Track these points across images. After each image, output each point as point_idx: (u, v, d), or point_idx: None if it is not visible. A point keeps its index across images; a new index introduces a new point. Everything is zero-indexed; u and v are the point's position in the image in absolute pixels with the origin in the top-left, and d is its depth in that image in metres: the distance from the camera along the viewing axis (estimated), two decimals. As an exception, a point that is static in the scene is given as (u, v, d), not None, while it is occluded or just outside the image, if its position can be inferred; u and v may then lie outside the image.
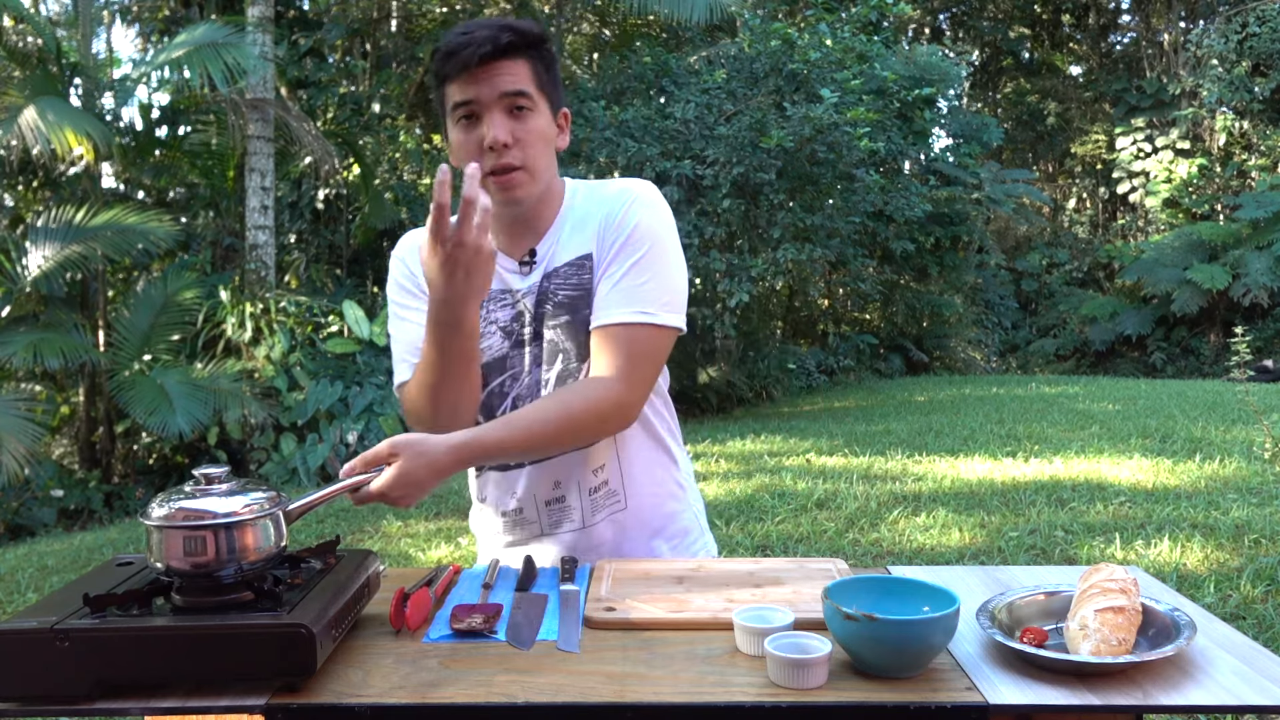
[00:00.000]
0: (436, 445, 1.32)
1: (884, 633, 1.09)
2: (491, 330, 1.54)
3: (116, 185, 9.76)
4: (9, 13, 8.78)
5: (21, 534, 7.11)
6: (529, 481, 1.56)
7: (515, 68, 1.41)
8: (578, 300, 1.49)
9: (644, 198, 1.50)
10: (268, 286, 9.16)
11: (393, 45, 14.74)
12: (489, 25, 1.41)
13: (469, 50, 1.38)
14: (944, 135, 15.78)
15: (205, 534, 1.12)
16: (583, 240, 1.50)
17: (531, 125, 1.43)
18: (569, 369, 1.51)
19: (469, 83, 1.40)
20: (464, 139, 1.42)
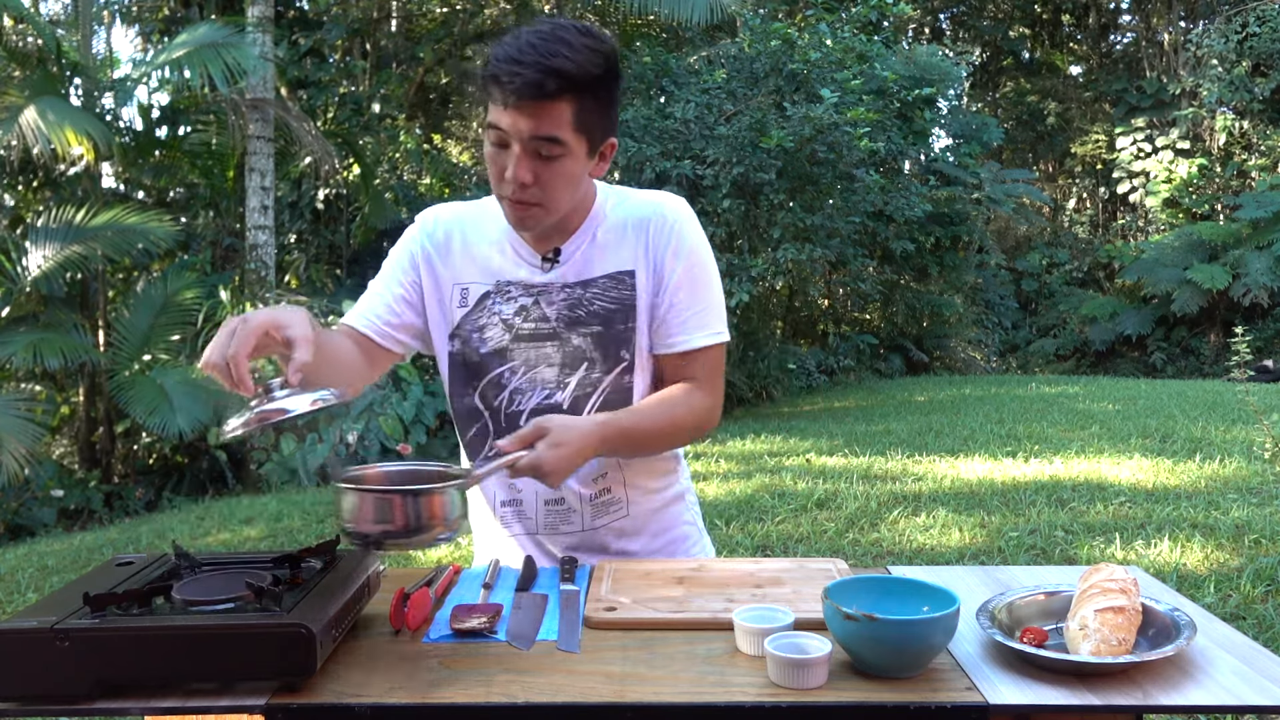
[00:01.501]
0: (581, 420, 1.43)
1: (884, 633, 1.09)
2: (494, 322, 1.55)
3: (116, 185, 9.76)
4: (9, 13, 8.78)
5: (21, 534, 7.11)
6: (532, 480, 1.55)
7: (555, 110, 1.35)
8: (614, 314, 1.52)
9: (687, 217, 1.55)
10: (268, 286, 9.16)
11: (393, 45, 14.74)
12: (540, 59, 1.33)
13: (512, 89, 1.33)
14: (944, 135, 15.77)
15: (394, 499, 1.19)
16: (622, 255, 1.53)
17: (557, 169, 1.39)
18: (590, 378, 1.53)
19: (505, 114, 1.36)
20: (491, 156, 1.42)
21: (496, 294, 1.55)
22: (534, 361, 1.53)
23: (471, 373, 1.57)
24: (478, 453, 1.60)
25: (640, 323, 1.53)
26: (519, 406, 1.54)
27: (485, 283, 1.56)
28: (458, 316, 1.56)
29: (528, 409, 1.54)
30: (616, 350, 1.53)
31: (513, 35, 1.38)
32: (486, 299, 1.55)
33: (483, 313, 1.55)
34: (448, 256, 1.58)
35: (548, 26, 1.37)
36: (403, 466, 1.34)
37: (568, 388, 1.53)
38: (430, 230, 1.60)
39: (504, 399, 1.55)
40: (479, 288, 1.56)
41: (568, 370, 1.53)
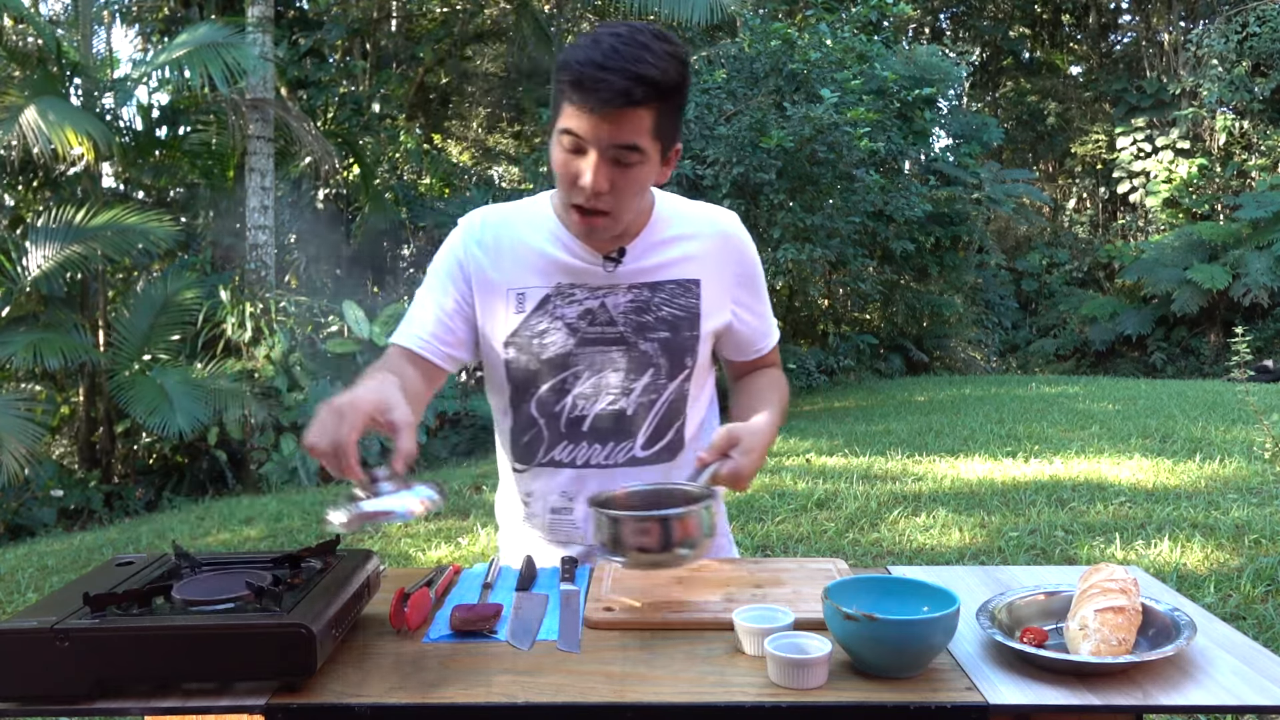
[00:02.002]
0: (760, 424, 1.42)
1: (884, 633, 1.09)
2: (557, 326, 1.50)
3: (116, 185, 9.76)
4: (9, 13, 8.78)
5: (21, 534, 7.11)
6: (585, 483, 1.54)
7: (637, 118, 1.33)
8: (682, 321, 1.51)
9: (747, 234, 1.61)
10: (268, 286, 9.16)
11: (393, 45, 14.75)
12: (626, 66, 1.30)
13: (598, 96, 1.30)
14: (944, 135, 15.77)
15: (651, 524, 1.25)
16: (688, 264, 1.52)
17: (632, 175, 1.38)
18: (656, 384, 1.52)
19: (585, 121, 1.32)
20: (563, 162, 1.38)
21: (557, 296, 1.50)
22: (599, 366, 1.50)
23: (529, 380, 1.52)
24: (529, 460, 1.56)
25: (703, 332, 1.53)
26: (582, 412, 1.51)
27: (544, 285, 1.50)
28: (514, 323, 1.51)
29: (591, 414, 1.51)
30: (682, 357, 1.52)
31: (589, 38, 1.34)
32: (547, 303, 1.50)
33: (543, 317, 1.50)
34: (498, 260, 1.52)
35: (625, 30, 1.34)
36: (644, 487, 1.42)
37: (633, 393, 1.51)
38: (477, 234, 1.53)
39: (565, 405, 1.51)
40: (537, 291, 1.50)
41: (634, 376, 1.51)
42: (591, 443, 1.53)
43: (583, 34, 1.40)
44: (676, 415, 1.55)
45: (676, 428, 1.56)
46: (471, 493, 6.22)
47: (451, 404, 8.98)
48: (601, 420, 1.51)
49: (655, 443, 1.54)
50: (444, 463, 8.64)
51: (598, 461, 1.53)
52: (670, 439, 1.55)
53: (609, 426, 1.52)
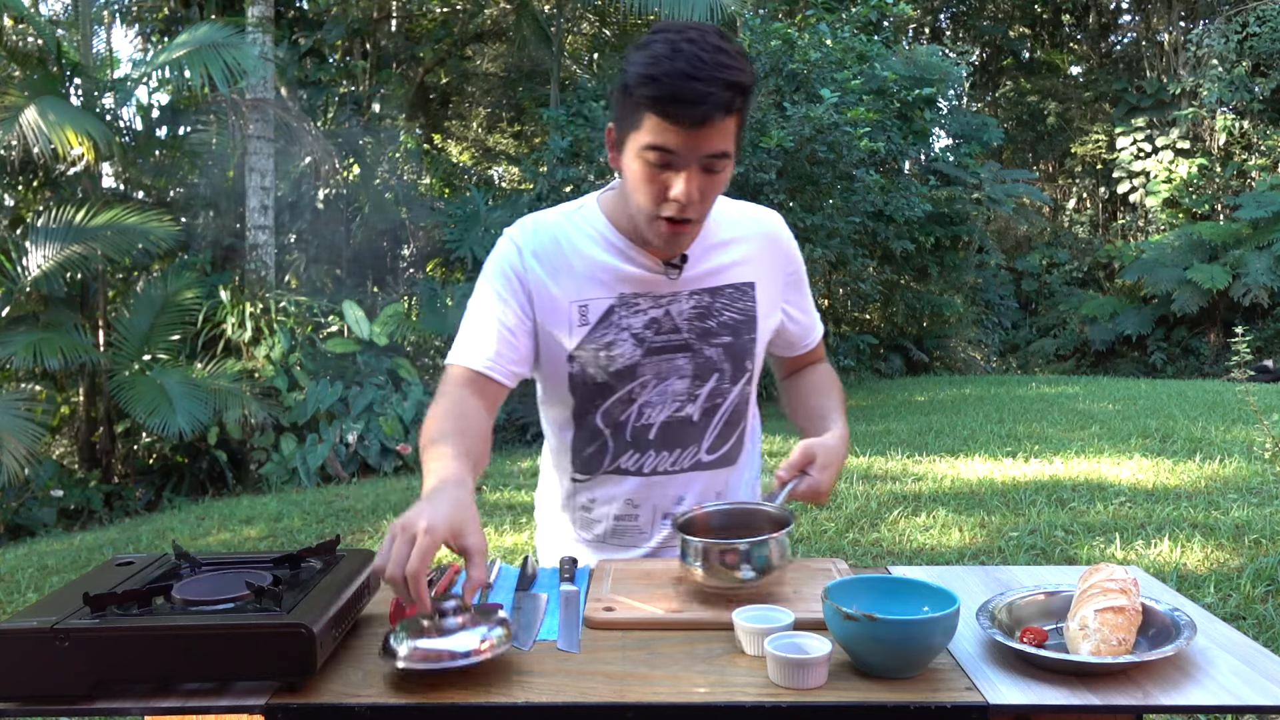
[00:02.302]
0: (831, 438, 1.47)
1: (884, 633, 1.09)
2: (624, 338, 1.48)
3: (116, 185, 9.76)
4: (9, 13, 8.78)
5: (21, 534, 7.10)
6: (651, 490, 1.55)
7: (727, 126, 1.31)
8: (741, 325, 1.52)
9: (788, 230, 1.62)
10: (268, 286, 9.16)
11: (393, 45, 14.74)
12: (717, 75, 1.26)
13: (698, 111, 1.27)
14: (944, 135, 15.76)
15: (735, 552, 1.29)
16: (742, 267, 1.53)
17: (718, 180, 1.37)
18: (720, 388, 1.52)
19: (679, 134, 1.29)
20: (648, 177, 1.34)
21: (622, 307, 1.47)
22: (665, 374, 1.49)
23: (595, 392, 1.50)
24: (593, 470, 1.56)
25: (759, 335, 1.55)
26: (648, 420, 1.51)
27: (607, 296, 1.47)
28: (579, 336, 1.47)
29: (658, 423, 1.51)
30: (743, 360, 1.53)
31: (665, 47, 1.28)
32: (611, 314, 1.47)
33: (609, 329, 1.47)
34: (557, 271, 1.47)
35: (696, 34, 1.30)
36: (725, 506, 1.45)
37: (698, 399, 1.52)
38: (531, 245, 1.48)
39: (631, 414, 1.50)
40: (601, 303, 1.47)
41: (699, 382, 1.51)
42: (658, 450, 1.53)
43: (648, 42, 1.31)
44: (739, 419, 1.57)
45: (739, 431, 1.58)
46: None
47: (451, 404, 8.96)
48: (668, 428, 1.51)
49: (719, 447, 1.56)
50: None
51: (664, 469, 1.53)
52: (732, 443, 1.58)
53: (675, 434, 1.52)
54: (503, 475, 6.80)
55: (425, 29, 15.01)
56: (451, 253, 10.33)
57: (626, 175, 1.38)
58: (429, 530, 1.10)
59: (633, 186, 1.37)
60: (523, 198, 11.10)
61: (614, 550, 1.60)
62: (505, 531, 4.97)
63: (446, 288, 10.10)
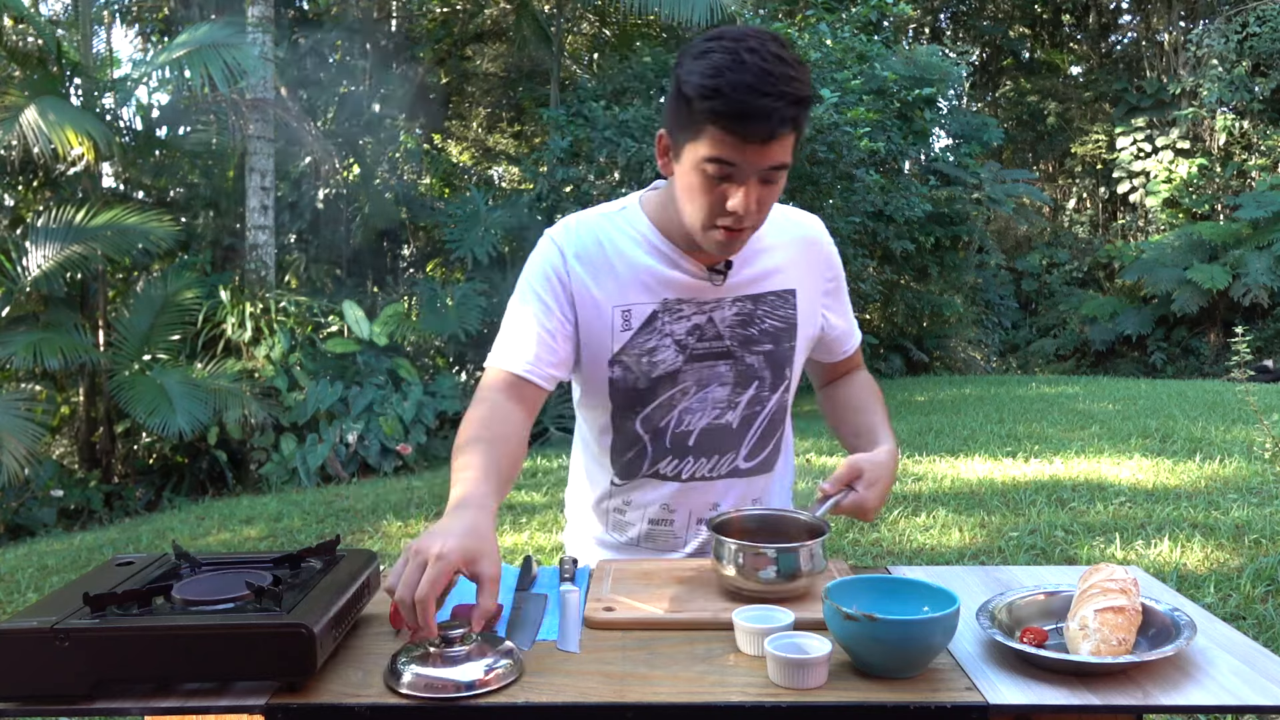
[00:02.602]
0: (881, 454, 1.45)
1: (884, 633, 1.09)
2: (666, 344, 1.47)
3: (116, 185, 9.76)
4: (9, 13, 8.78)
5: (21, 534, 7.10)
6: (688, 495, 1.55)
7: (788, 139, 1.30)
8: (782, 333, 1.52)
9: (828, 236, 1.60)
10: (268, 286, 9.16)
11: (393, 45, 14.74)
12: (782, 89, 1.24)
13: (764, 128, 1.25)
14: (944, 135, 15.75)
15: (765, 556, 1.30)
16: (784, 274, 1.52)
17: (775, 189, 1.36)
18: (760, 396, 1.53)
19: (741, 149, 1.27)
20: (705, 187, 1.32)
21: (665, 313, 1.47)
22: (706, 380, 1.49)
23: (636, 398, 1.50)
24: (632, 475, 1.55)
25: (799, 342, 1.54)
26: (688, 427, 1.51)
27: (650, 301, 1.46)
28: (621, 341, 1.47)
29: (697, 429, 1.51)
30: (782, 368, 1.53)
31: (725, 57, 1.26)
32: (654, 319, 1.46)
33: (651, 334, 1.47)
34: (599, 275, 1.46)
35: (756, 43, 1.27)
36: (760, 511, 1.46)
37: (738, 406, 1.52)
38: (574, 247, 1.47)
39: (672, 420, 1.50)
40: (644, 308, 1.46)
41: (739, 389, 1.51)
42: (696, 457, 1.53)
43: (706, 50, 1.28)
44: (777, 427, 1.57)
45: (776, 439, 1.58)
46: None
47: (452, 404, 8.98)
48: (707, 434, 1.51)
49: (756, 455, 1.56)
50: (444, 463, 8.64)
51: (702, 475, 1.54)
52: (769, 450, 1.58)
53: (714, 440, 1.52)
54: (503, 475, 6.79)
55: (425, 29, 15.00)
56: (451, 253, 10.33)
57: (681, 184, 1.36)
58: (441, 556, 1.09)
59: (688, 196, 1.35)
60: (523, 198, 11.09)
61: (647, 554, 1.59)
62: (505, 532, 4.97)
63: (446, 288, 10.10)
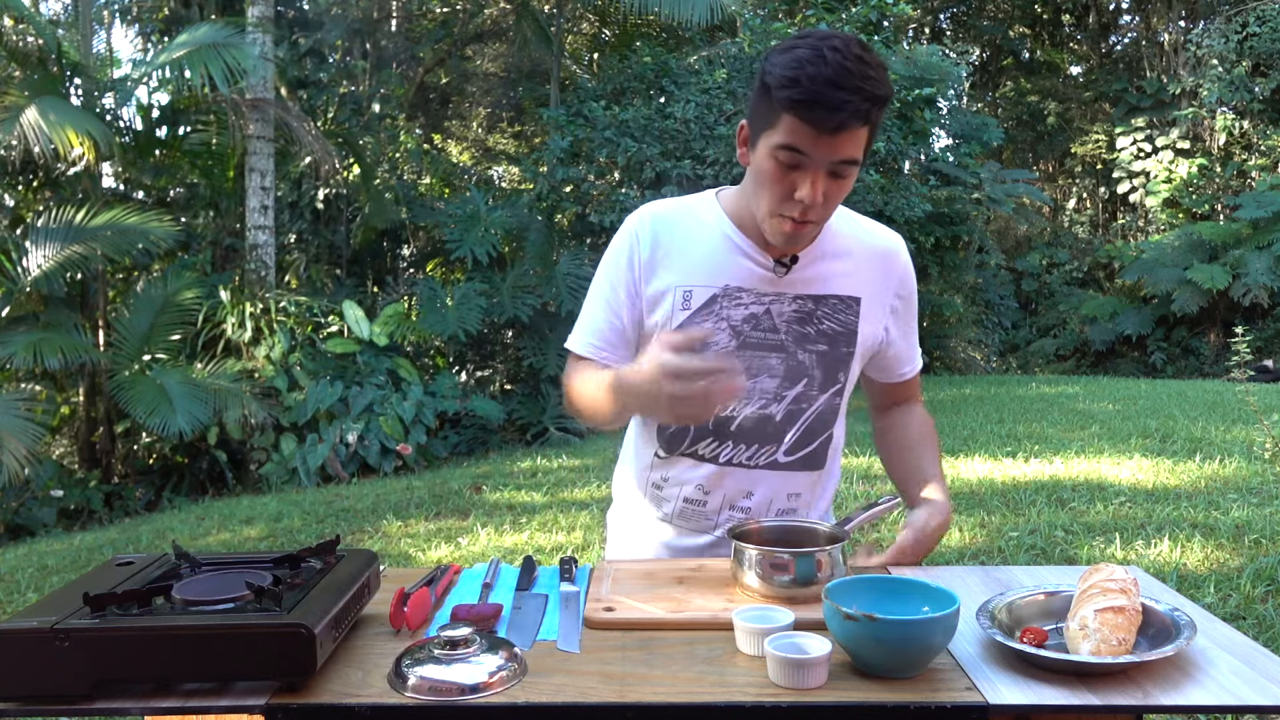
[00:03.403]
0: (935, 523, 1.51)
1: (884, 633, 1.09)
2: (722, 327, 1.51)
3: (116, 185, 9.76)
4: (9, 13, 8.78)
5: (21, 534, 7.11)
6: (724, 479, 1.56)
7: (860, 134, 1.35)
8: (839, 337, 1.54)
9: (907, 255, 1.62)
10: (268, 286, 9.16)
11: (393, 45, 14.74)
12: (860, 85, 1.30)
13: (838, 118, 1.30)
14: (944, 135, 15.75)
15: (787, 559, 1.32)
16: (851, 280, 1.54)
17: (844, 186, 1.40)
18: (808, 394, 1.54)
19: (814, 138, 1.33)
20: (776, 174, 1.38)
21: (724, 298, 1.51)
22: (756, 370, 1.52)
23: None
24: (674, 449, 1.59)
25: (858, 350, 1.56)
26: (732, 412, 1.53)
27: (712, 285, 1.51)
28: (680, 320, 1.52)
29: (741, 415, 1.53)
30: (835, 372, 1.55)
31: (809, 53, 1.32)
32: (714, 302, 1.51)
33: (709, 316, 1.51)
34: (669, 257, 1.53)
35: (840, 43, 1.32)
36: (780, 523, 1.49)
37: (784, 400, 1.54)
38: (649, 231, 1.54)
39: None
40: (704, 290, 1.51)
41: (788, 384, 1.53)
42: (737, 442, 1.55)
43: (792, 45, 1.35)
44: (823, 428, 1.58)
45: (822, 440, 1.59)
46: (472, 493, 6.22)
47: (451, 404, 8.98)
48: (749, 422, 1.53)
49: (798, 450, 1.57)
50: (444, 463, 8.64)
51: (740, 461, 1.55)
52: (814, 449, 1.58)
53: (755, 429, 1.54)
54: (503, 475, 6.80)
55: (425, 29, 15.00)
56: (451, 253, 10.33)
57: (754, 172, 1.42)
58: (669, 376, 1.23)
59: (759, 183, 1.41)
60: (523, 198, 11.09)
61: (679, 534, 1.62)
62: (505, 532, 4.97)
63: (446, 288, 10.10)
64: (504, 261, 10.59)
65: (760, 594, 1.34)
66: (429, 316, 9.42)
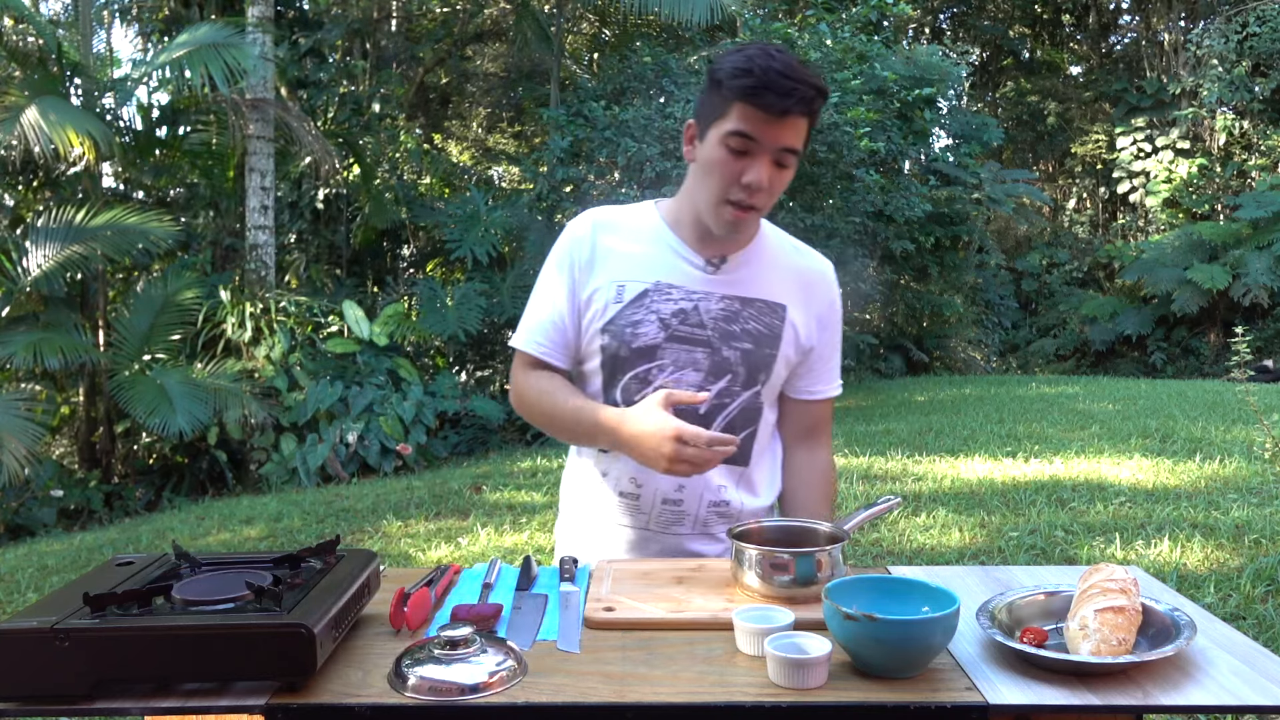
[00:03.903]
0: None
1: (884, 633, 1.09)
2: (651, 319, 1.57)
3: (116, 185, 9.76)
4: (9, 13, 8.78)
5: (21, 534, 7.11)
6: (654, 475, 1.58)
7: (801, 124, 1.47)
8: (764, 338, 1.60)
9: (836, 282, 1.70)
10: (268, 286, 9.16)
11: (393, 45, 14.75)
12: (807, 77, 1.44)
13: (786, 103, 1.42)
14: (944, 135, 15.75)
15: (787, 558, 1.33)
16: (778, 288, 1.62)
17: (785, 176, 1.51)
18: (730, 390, 1.60)
19: (762, 124, 1.44)
20: (725, 161, 1.47)
21: (656, 293, 1.58)
22: (683, 363, 1.58)
23: (618, 367, 1.60)
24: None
25: (780, 353, 1.62)
26: None
27: (645, 281, 1.59)
28: (613, 312, 1.59)
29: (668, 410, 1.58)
30: (757, 371, 1.61)
31: (759, 52, 1.45)
32: (645, 297, 1.58)
33: (639, 309, 1.58)
34: (607, 257, 1.60)
35: (776, 50, 1.46)
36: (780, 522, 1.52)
37: (711, 393, 1.59)
38: (589, 233, 1.62)
39: (646, 394, 1.57)
40: (637, 285, 1.59)
41: (712, 378, 1.59)
42: None
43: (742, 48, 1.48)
44: (747, 423, 1.63)
45: (745, 435, 1.62)
46: (472, 493, 6.23)
47: (451, 404, 8.98)
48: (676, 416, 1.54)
49: None
50: (444, 463, 8.64)
51: None
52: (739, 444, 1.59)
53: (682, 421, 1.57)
54: (503, 475, 6.80)
55: (425, 29, 15.00)
56: (451, 253, 10.33)
57: (703, 163, 1.51)
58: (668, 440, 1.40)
59: (708, 172, 1.50)
60: (523, 198, 11.09)
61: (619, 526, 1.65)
62: (505, 532, 4.97)
63: (446, 288, 10.10)
64: (504, 261, 10.59)
65: (760, 594, 1.34)
66: (429, 316, 9.42)
